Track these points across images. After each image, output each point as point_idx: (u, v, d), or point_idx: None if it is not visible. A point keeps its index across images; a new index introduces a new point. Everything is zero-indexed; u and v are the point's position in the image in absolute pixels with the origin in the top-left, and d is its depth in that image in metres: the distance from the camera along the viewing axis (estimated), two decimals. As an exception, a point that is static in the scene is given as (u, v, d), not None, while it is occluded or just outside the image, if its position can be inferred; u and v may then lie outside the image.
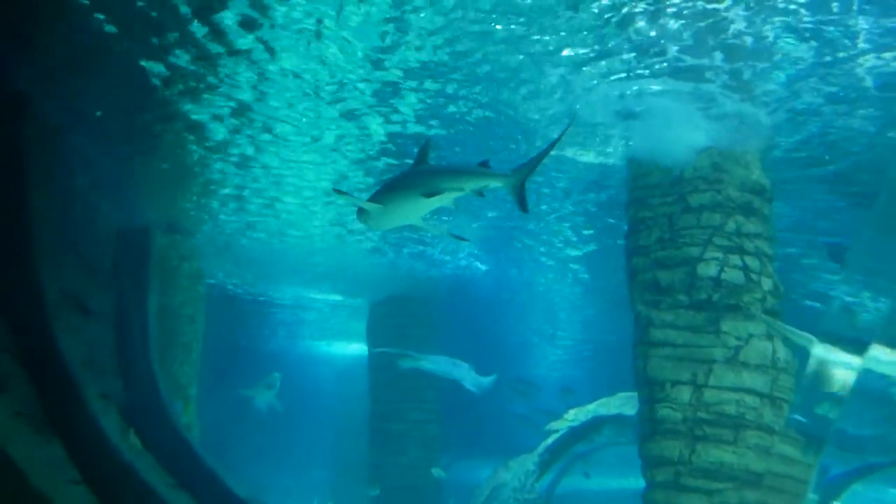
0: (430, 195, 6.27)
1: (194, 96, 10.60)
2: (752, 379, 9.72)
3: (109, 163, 12.90)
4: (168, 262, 14.97)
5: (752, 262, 10.00)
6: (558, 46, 9.02)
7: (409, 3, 8.27)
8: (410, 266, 19.56)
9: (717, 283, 9.93)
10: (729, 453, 9.64)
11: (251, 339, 30.55)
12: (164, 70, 9.84)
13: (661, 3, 8.12)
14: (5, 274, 9.65)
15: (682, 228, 10.23)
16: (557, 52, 9.16)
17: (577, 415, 17.14)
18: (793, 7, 8.05)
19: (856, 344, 10.33)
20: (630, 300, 10.87)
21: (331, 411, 31.81)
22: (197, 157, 12.86)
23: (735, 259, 9.95)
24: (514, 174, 6.64)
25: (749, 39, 8.67)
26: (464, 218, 15.75)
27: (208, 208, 15.43)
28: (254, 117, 11.23)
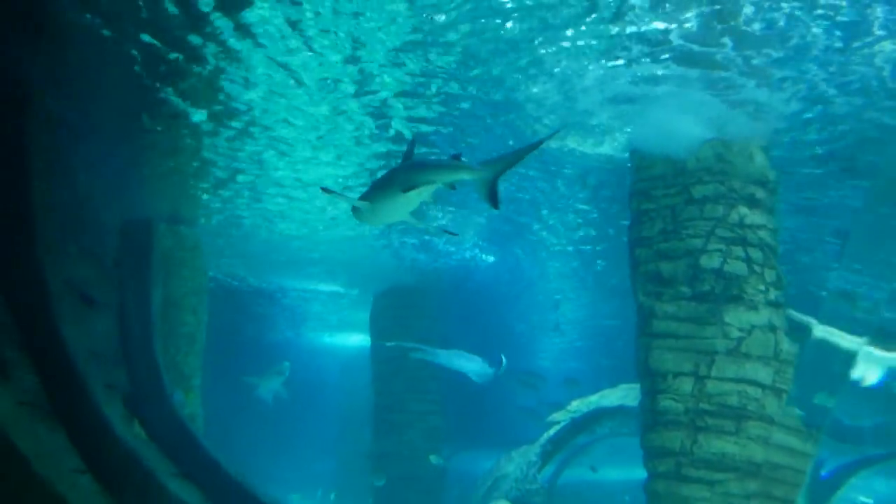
0: (408, 189, 6.38)
1: (197, 87, 10.59)
2: (754, 370, 9.74)
3: (112, 154, 12.90)
4: (171, 253, 14.95)
5: (755, 254, 9.99)
6: (560, 34, 8.95)
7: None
8: (414, 257, 19.55)
9: (720, 275, 9.93)
10: (731, 444, 9.68)
11: (254, 331, 30.60)
12: (167, 61, 9.82)
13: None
14: (9, 264, 9.67)
15: (686, 220, 10.22)
16: (559, 39, 9.07)
17: (579, 406, 17.18)
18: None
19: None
20: (633, 291, 10.86)
21: (334, 402, 31.89)
22: (200, 147, 12.84)
23: (738, 250, 9.94)
24: (483, 168, 6.50)
25: (758, 25, 8.53)
26: (468, 210, 15.74)
27: (211, 199, 15.43)
28: (259, 108, 11.21)
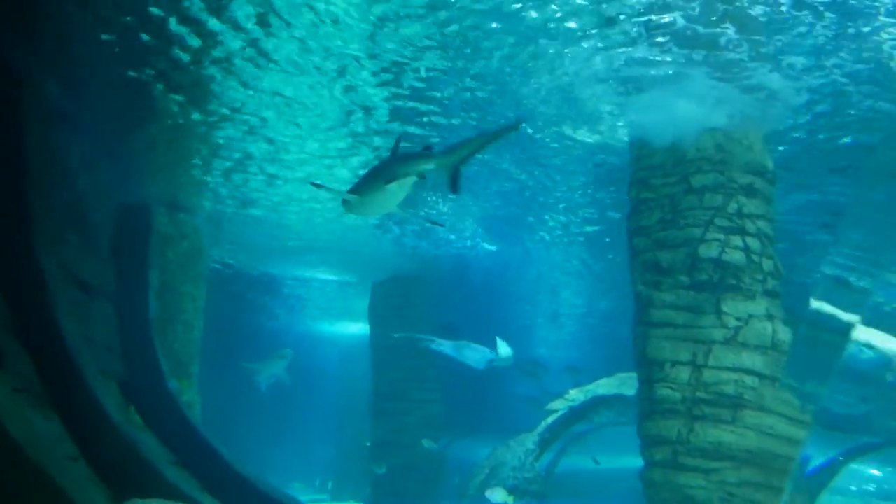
0: (390, 181, 6.78)
1: (197, 70, 10.50)
2: (751, 359, 9.75)
3: (110, 139, 12.83)
4: (169, 239, 14.93)
5: (753, 243, 9.98)
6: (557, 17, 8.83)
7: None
8: (416, 244, 19.47)
9: (718, 264, 9.92)
10: (727, 433, 9.70)
11: (253, 318, 30.60)
12: (167, 43, 9.75)
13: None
14: (5, 251, 9.61)
15: (684, 209, 10.20)
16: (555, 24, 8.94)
17: (576, 395, 17.20)
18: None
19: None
20: (631, 280, 10.84)
21: (333, 391, 31.94)
22: (199, 133, 12.77)
23: (736, 240, 9.93)
24: (444, 155, 6.89)
25: (760, 9, 8.40)
26: (469, 197, 15.69)
27: (210, 185, 15.36)
28: (258, 92, 11.12)
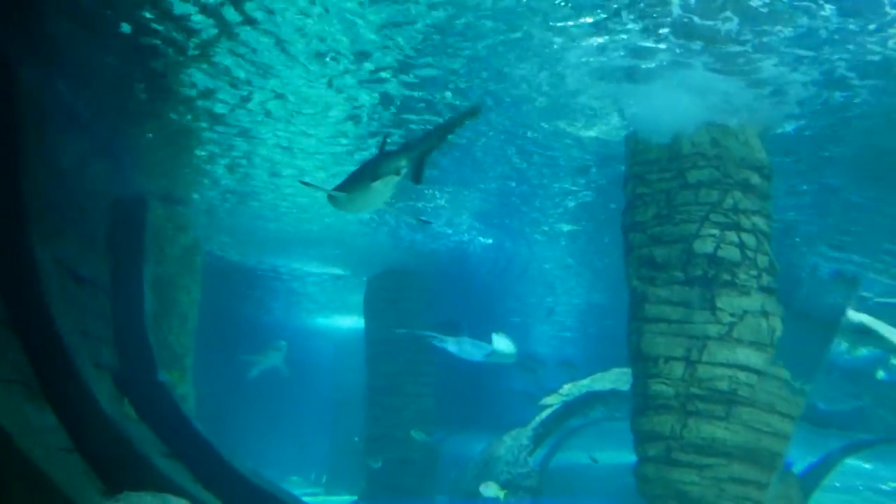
0: (374, 180, 7.05)
1: (194, 61, 10.45)
2: (745, 355, 9.77)
3: (105, 130, 12.78)
4: (164, 231, 14.89)
5: (749, 239, 9.99)
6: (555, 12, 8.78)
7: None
8: (412, 237, 19.41)
9: (713, 260, 9.92)
10: (721, 429, 9.73)
11: (248, 311, 30.56)
12: (160, 34, 9.69)
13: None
14: (-3, 241, 9.57)
15: (680, 205, 10.20)
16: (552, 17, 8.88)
17: (571, 390, 17.22)
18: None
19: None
20: (626, 276, 10.84)
21: (328, 384, 31.94)
22: (194, 125, 12.73)
23: (731, 236, 9.93)
24: (412, 151, 7.22)
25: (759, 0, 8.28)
26: (466, 190, 15.67)
27: (205, 178, 15.32)
28: (255, 84, 11.08)
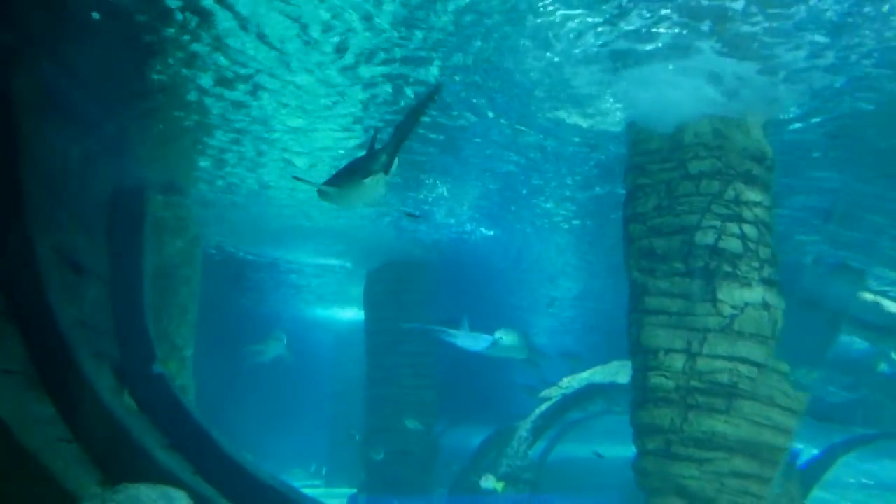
0: (365, 178, 7.12)
1: (195, 52, 10.39)
2: (746, 348, 9.67)
3: (105, 120, 12.73)
4: (164, 222, 14.84)
5: (750, 231, 9.88)
6: None
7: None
8: (415, 227, 19.28)
9: (714, 251, 9.82)
10: (721, 423, 9.63)
11: (248, 302, 30.55)
12: (163, 25, 9.63)
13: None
14: (-3, 231, 9.54)
15: (681, 195, 10.10)
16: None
17: (570, 382, 17.18)
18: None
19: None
20: (626, 267, 10.77)
21: (328, 376, 31.95)
22: (196, 114, 12.65)
23: (733, 227, 9.83)
24: (389, 147, 7.26)
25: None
26: (467, 180, 15.62)
27: (205, 167, 15.25)
28: (258, 73, 10.98)
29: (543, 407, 17.22)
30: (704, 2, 8.38)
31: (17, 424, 7.56)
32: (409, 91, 11.21)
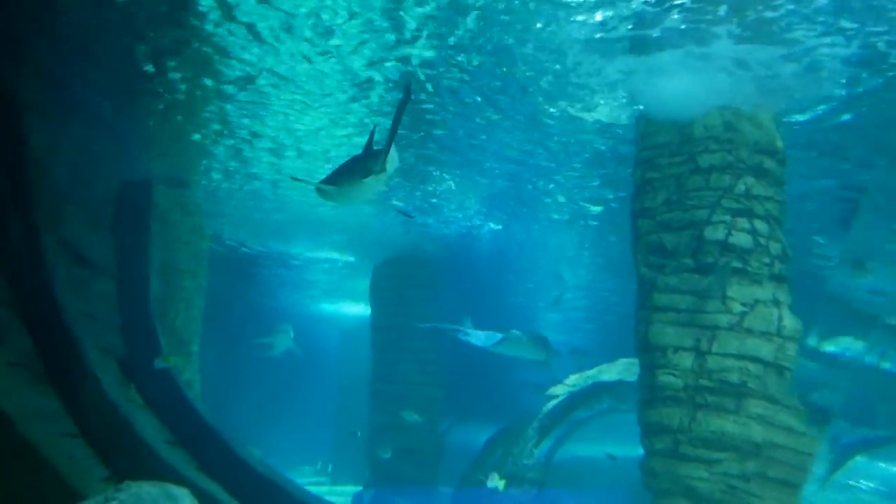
0: (365, 177, 7.17)
1: (201, 44, 10.34)
2: (756, 346, 9.47)
3: (111, 113, 12.69)
4: (170, 216, 14.80)
5: (761, 226, 9.72)
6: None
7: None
8: (423, 221, 19.17)
9: (724, 247, 9.66)
10: (730, 422, 9.44)
11: (254, 297, 30.52)
12: (167, 15, 9.58)
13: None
14: (4, 224, 9.51)
15: (691, 190, 9.95)
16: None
17: (577, 380, 17.06)
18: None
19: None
20: (634, 263, 10.62)
21: (333, 372, 31.90)
22: (202, 106, 12.61)
23: (743, 222, 9.67)
24: (387, 145, 7.28)
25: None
26: (475, 175, 15.53)
27: (212, 161, 15.21)
28: (264, 65, 10.93)
29: (550, 405, 17.10)
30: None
31: (21, 418, 7.52)
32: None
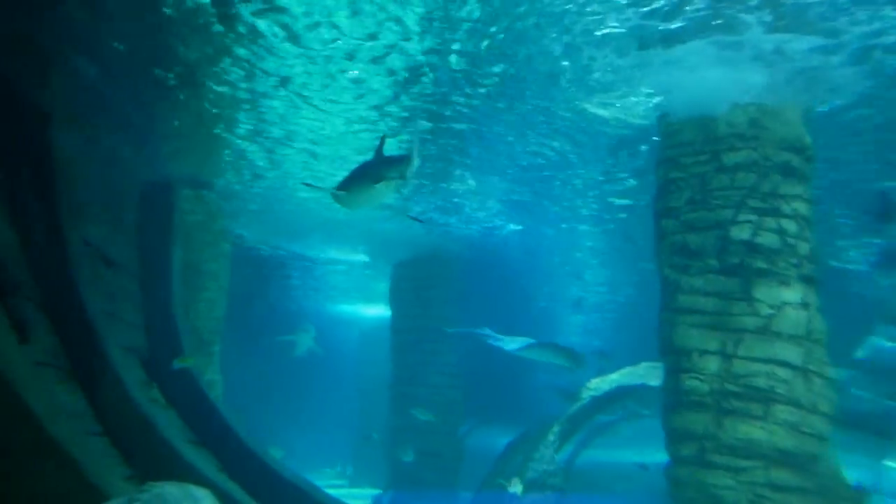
0: (377, 182, 7.38)
1: (223, 46, 10.37)
2: (784, 350, 9.23)
3: (135, 115, 12.79)
4: (192, 217, 14.89)
5: (789, 225, 9.49)
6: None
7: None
8: (446, 220, 19.10)
9: (751, 247, 9.45)
10: (758, 429, 9.20)
11: (274, 298, 30.62)
12: (193, 20, 9.62)
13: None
14: (30, 224, 9.61)
15: (715, 189, 9.75)
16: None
17: (599, 384, 16.88)
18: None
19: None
20: (657, 264, 10.43)
21: (353, 374, 31.92)
22: (225, 109, 12.67)
23: (770, 222, 9.44)
24: (407, 161, 7.64)
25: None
26: (495, 175, 15.45)
27: (234, 163, 15.28)
28: (283, 66, 10.97)
29: (571, 409, 16.93)
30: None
31: (48, 417, 7.56)
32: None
